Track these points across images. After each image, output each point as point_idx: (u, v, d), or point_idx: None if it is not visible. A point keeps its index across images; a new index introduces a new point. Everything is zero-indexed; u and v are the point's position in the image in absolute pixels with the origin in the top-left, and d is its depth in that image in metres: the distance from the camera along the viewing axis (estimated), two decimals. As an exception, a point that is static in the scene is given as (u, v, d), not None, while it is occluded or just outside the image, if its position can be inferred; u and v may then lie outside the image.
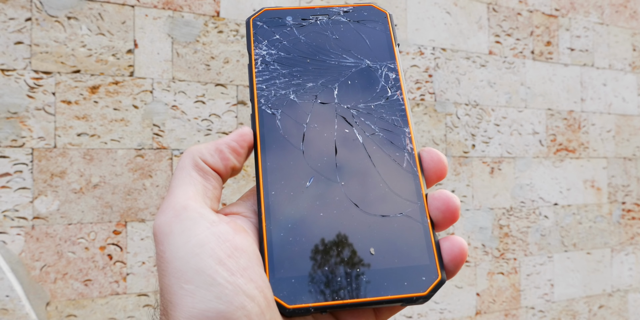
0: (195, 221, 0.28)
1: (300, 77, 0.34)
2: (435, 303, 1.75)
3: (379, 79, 0.35)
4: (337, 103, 0.34)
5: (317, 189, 0.31)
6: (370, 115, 0.34)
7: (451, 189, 1.80)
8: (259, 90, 0.34)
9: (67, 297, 1.24)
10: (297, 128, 0.33)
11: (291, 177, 0.31)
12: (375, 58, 0.35)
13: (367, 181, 0.32)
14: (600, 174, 2.16)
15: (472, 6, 1.88)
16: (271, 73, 0.34)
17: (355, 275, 0.29)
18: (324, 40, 0.36)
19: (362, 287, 0.29)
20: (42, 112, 1.24)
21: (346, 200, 0.31)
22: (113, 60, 1.31)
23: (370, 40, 0.36)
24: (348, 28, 0.36)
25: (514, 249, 1.93)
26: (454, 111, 1.82)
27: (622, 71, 2.25)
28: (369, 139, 0.33)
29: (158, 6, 1.37)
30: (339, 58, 0.35)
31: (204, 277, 0.26)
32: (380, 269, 0.29)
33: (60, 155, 1.25)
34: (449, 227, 0.32)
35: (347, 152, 0.32)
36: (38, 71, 1.24)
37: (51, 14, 1.25)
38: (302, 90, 0.34)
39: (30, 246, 1.21)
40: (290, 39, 0.35)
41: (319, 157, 0.32)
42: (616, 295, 2.19)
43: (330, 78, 0.34)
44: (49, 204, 1.23)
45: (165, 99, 1.37)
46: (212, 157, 0.31)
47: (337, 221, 0.30)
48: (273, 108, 0.33)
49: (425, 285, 0.29)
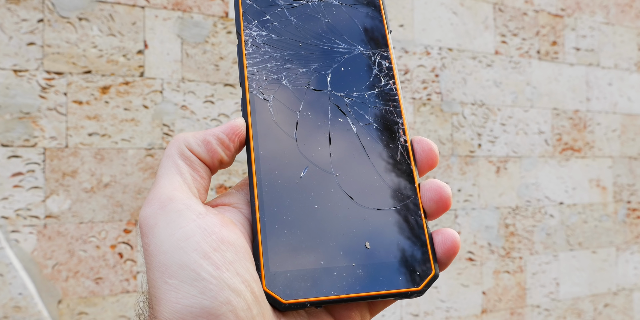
0: (180, 213, 0.27)
1: (292, 61, 0.33)
2: (441, 301, 1.76)
3: (372, 67, 0.34)
4: (330, 90, 0.33)
5: (312, 179, 0.30)
6: (363, 105, 0.33)
7: (457, 188, 1.81)
8: (250, 74, 0.32)
9: (78, 295, 1.25)
10: (290, 115, 0.32)
11: (285, 166, 0.30)
12: (368, 44, 0.34)
13: (361, 173, 0.31)
14: (605, 173, 2.17)
15: (479, 6, 1.88)
16: (262, 56, 0.33)
17: (350, 269, 0.29)
18: (315, 24, 0.34)
19: (357, 282, 0.28)
20: (54, 112, 1.25)
21: (341, 193, 0.30)
22: (123, 60, 1.33)
23: (363, 25, 0.35)
24: (340, 11, 0.35)
25: (519, 248, 1.94)
26: (460, 111, 1.83)
27: (628, 71, 2.26)
28: (362, 129, 0.32)
29: (168, 7, 1.38)
30: (331, 43, 0.34)
31: (188, 271, 0.26)
32: (375, 263, 0.29)
33: (71, 154, 1.26)
34: (440, 215, 0.32)
35: (341, 142, 0.32)
36: (50, 72, 1.25)
37: (63, 15, 1.27)
38: (294, 76, 0.33)
39: (43, 245, 1.23)
40: (281, 20, 0.34)
41: (312, 147, 0.31)
42: (621, 294, 2.20)
43: (323, 64, 0.33)
44: (61, 203, 1.25)
45: (174, 99, 1.38)
46: (199, 147, 0.30)
47: (332, 214, 0.30)
48: (265, 93, 0.32)
49: (420, 279, 0.29)
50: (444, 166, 1.79)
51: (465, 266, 1.81)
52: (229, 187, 1.45)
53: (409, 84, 1.74)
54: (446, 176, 1.79)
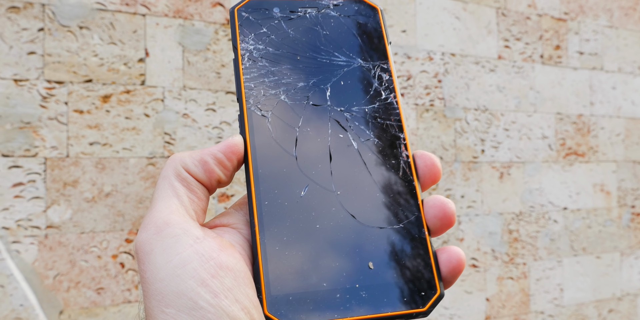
0: (177, 238, 0.26)
1: (290, 75, 0.32)
2: (444, 308, 1.75)
3: (372, 80, 0.33)
4: (330, 105, 0.32)
5: (312, 198, 0.30)
6: (364, 120, 0.32)
7: (460, 195, 1.80)
8: (247, 89, 0.31)
9: (80, 305, 1.24)
10: (289, 132, 0.31)
11: (285, 185, 0.30)
12: (368, 57, 0.34)
13: (363, 190, 0.30)
14: (609, 178, 2.15)
15: (481, 11, 1.87)
16: (259, 70, 0.32)
17: (354, 291, 0.28)
18: (313, 36, 0.33)
19: (361, 304, 0.28)
20: (55, 122, 1.24)
21: (343, 211, 0.30)
22: (124, 69, 1.32)
23: (362, 37, 0.34)
24: (338, 23, 0.34)
25: (523, 254, 1.93)
26: (463, 116, 1.82)
27: (632, 74, 2.24)
28: (364, 145, 0.31)
29: (169, 15, 1.38)
30: (330, 56, 0.33)
31: (185, 300, 0.25)
32: (379, 284, 0.28)
33: (72, 164, 1.26)
34: (445, 232, 0.31)
35: (342, 159, 0.31)
36: (51, 81, 1.24)
37: (63, 24, 1.26)
38: (292, 91, 0.32)
39: (44, 255, 1.22)
40: (279, 33, 0.33)
41: (313, 164, 0.30)
42: (626, 299, 2.19)
43: (322, 78, 0.33)
44: (62, 213, 1.24)
45: (176, 107, 1.37)
46: (196, 168, 0.29)
47: (334, 234, 0.29)
48: (263, 109, 0.31)
49: (425, 300, 0.28)
50: (447, 172, 1.78)
51: (468, 273, 1.80)
52: (231, 196, 1.44)
53: (411, 89, 1.73)
54: (449, 182, 1.78)
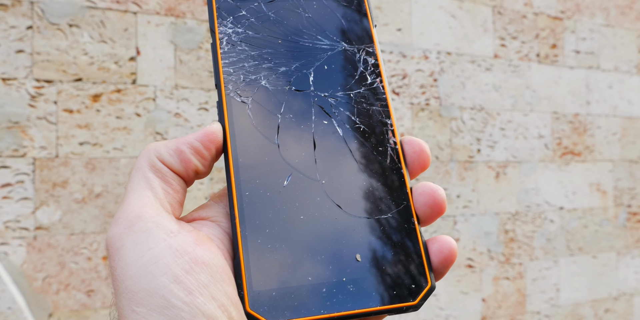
0: (149, 233, 0.25)
1: (271, 60, 0.31)
2: (440, 309, 1.74)
3: (357, 64, 0.32)
4: (314, 91, 0.30)
5: (296, 188, 0.28)
6: (349, 105, 0.30)
7: (456, 194, 1.78)
8: (226, 75, 0.30)
9: (69, 308, 1.23)
10: (271, 119, 0.29)
11: (266, 175, 0.28)
12: (352, 40, 0.32)
13: (349, 179, 0.29)
14: (606, 177, 2.14)
15: (477, 9, 1.86)
16: (239, 55, 0.30)
17: (340, 285, 0.26)
18: (295, 19, 0.32)
19: (348, 298, 0.26)
20: (44, 122, 1.22)
21: (328, 201, 0.28)
22: (115, 68, 1.30)
23: (346, 20, 0.33)
24: (321, 5, 0.32)
25: (519, 254, 1.91)
26: (459, 115, 1.81)
27: (628, 73, 2.23)
28: (349, 131, 0.30)
29: (160, 13, 1.35)
30: (313, 39, 0.32)
31: (157, 298, 0.23)
32: (367, 277, 0.27)
33: (62, 164, 1.24)
34: (435, 220, 0.29)
35: (327, 147, 0.29)
36: (39, 80, 1.22)
37: (52, 22, 1.24)
38: (274, 76, 0.30)
39: (32, 257, 1.20)
40: (259, 15, 0.31)
41: (296, 152, 0.29)
42: (622, 299, 2.18)
43: (305, 62, 0.31)
44: (51, 214, 1.22)
45: (168, 106, 1.35)
46: (172, 158, 0.28)
47: (319, 225, 0.28)
48: (243, 95, 0.29)
49: (415, 293, 0.27)
50: (443, 172, 1.76)
51: (464, 273, 1.79)
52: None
53: (407, 88, 1.71)
54: (445, 182, 1.76)
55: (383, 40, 1.68)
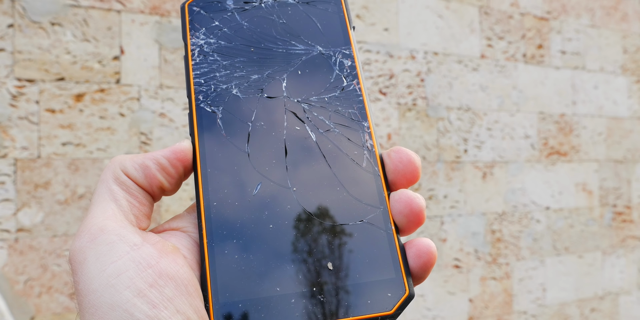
0: (112, 246, 0.24)
1: (243, 68, 0.30)
2: (427, 310, 1.74)
3: (333, 67, 0.31)
4: (286, 97, 0.30)
5: (266, 196, 0.27)
6: (324, 109, 0.30)
7: (443, 195, 1.78)
8: (197, 86, 0.29)
9: (52, 311, 1.21)
10: (241, 127, 0.29)
11: (235, 184, 0.28)
12: (328, 43, 0.31)
13: (322, 185, 0.28)
14: (591, 177, 2.15)
15: (464, 10, 1.86)
16: (210, 65, 0.30)
17: (312, 296, 0.25)
18: (269, 26, 0.31)
19: (320, 310, 0.25)
20: (26, 122, 1.20)
21: (299, 209, 0.27)
22: (99, 67, 1.28)
23: (322, 23, 0.32)
24: (296, 10, 0.32)
25: (506, 254, 1.92)
26: (446, 116, 1.80)
27: (613, 74, 2.25)
28: (323, 136, 0.29)
29: (145, 11, 1.34)
30: (286, 45, 0.31)
31: (120, 312, 0.23)
32: (340, 287, 0.26)
33: (44, 165, 1.22)
34: (415, 230, 0.28)
35: (299, 153, 0.29)
36: (21, 79, 1.20)
37: (34, 20, 1.22)
38: (245, 84, 0.30)
39: (14, 259, 1.18)
40: (232, 25, 0.31)
41: (266, 160, 0.28)
42: (608, 298, 2.19)
43: (278, 68, 0.30)
44: (33, 215, 1.20)
45: (152, 106, 1.34)
46: (136, 172, 0.27)
47: (289, 233, 0.27)
48: (213, 105, 0.29)
49: (392, 302, 0.26)
50: (430, 172, 1.76)
51: (451, 273, 1.79)
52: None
53: (393, 88, 1.71)
54: (432, 182, 1.76)
55: (370, 40, 1.67)
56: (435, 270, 1.76)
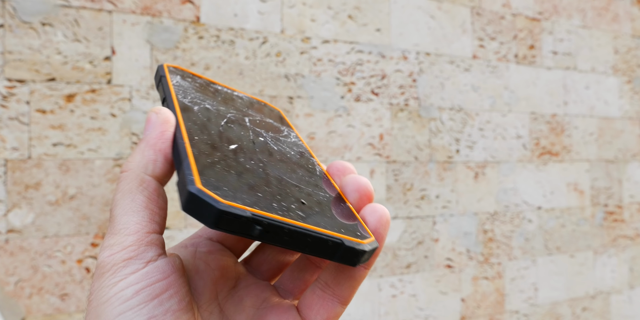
0: (128, 262, 0.25)
1: (212, 102, 0.34)
2: (419, 309, 1.74)
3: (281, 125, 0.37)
4: (250, 126, 0.33)
5: (241, 152, 0.28)
6: (278, 140, 0.34)
7: (435, 195, 1.78)
8: (178, 95, 0.32)
9: (43, 312, 1.20)
10: (215, 118, 0.31)
11: (214, 142, 0.28)
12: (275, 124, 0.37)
13: (284, 160, 0.31)
14: (583, 177, 2.16)
15: (456, 10, 1.86)
16: (186, 91, 0.33)
17: (298, 203, 0.25)
18: (229, 97, 0.36)
19: (305, 215, 0.25)
20: (16, 122, 1.20)
21: (272, 155, 0.30)
22: (90, 67, 1.28)
23: (268, 113, 0.38)
24: (248, 100, 0.38)
25: (498, 254, 1.92)
26: (438, 116, 1.81)
27: (604, 74, 2.26)
28: (280, 145, 0.33)
29: (136, 12, 1.33)
30: (245, 112, 0.36)
31: None
32: (319, 211, 0.26)
33: (35, 166, 1.21)
34: (367, 203, 0.30)
35: (262, 143, 0.32)
36: (11, 79, 1.20)
37: (25, 20, 1.21)
38: (214, 107, 0.33)
39: (4, 261, 1.17)
40: (198, 82, 0.36)
41: (238, 137, 0.30)
42: (599, 298, 2.20)
43: (238, 113, 0.34)
44: (24, 216, 1.19)
45: (144, 107, 1.33)
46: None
47: (266, 167, 0.28)
48: (192, 102, 0.32)
49: (363, 238, 0.26)
50: (422, 172, 1.76)
51: (443, 273, 1.79)
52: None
53: (386, 89, 1.71)
54: (424, 182, 1.76)
55: (362, 41, 1.67)
56: (427, 270, 1.77)
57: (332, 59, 1.61)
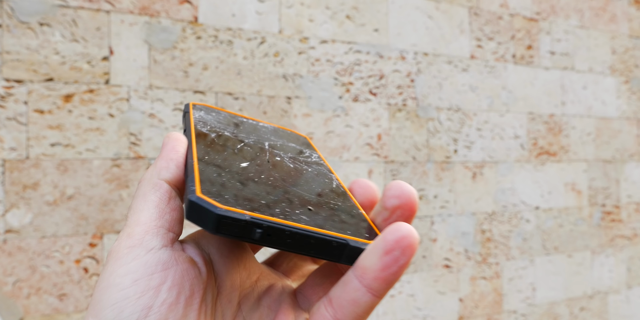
0: (131, 249, 0.26)
1: (233, 132, 0.35)
2: (417, 309, 1.74)
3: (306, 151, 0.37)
4: (269, 149, 0.34)
5: (252, 168, 0.29)
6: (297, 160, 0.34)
7: (433, 195, 1.79)
8: (197, 126, 0.32)
9: (41, 312, 1.20)
10: (233, 143, 0.32)
11: (226, 160, 0.28)
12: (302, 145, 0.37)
13: (298, 175, 0.31)
14: (580, 177, 2.17)
15: (454, 10, 1.87)
16: (206, 123, 0.34)
17: (302, 207, 0.25)
18: (252, 127, 0.37)
19: (305, 218, 0.25)
20: (14, 122, 1.20)
21: (284, 171, 0.30)
22: (88, 67, 1.28)
23: (293, 139, 0.38)
24: (273, 129, 0.39)
25: (496, 254, 1.93)
26: (435, 116, 1.81)
27: (602, 74, 2.26)
28: (298, 163, 0.33)
29: (134, 12, 1.33)
30: (266, 139, 0.36)
31: (108, 311, 0.23)
32: (324, 215, 0.26)
33: (33, 166, 1.21)
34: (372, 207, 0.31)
35: (279, 162, 0.32)
36: (9, 80, 1.20)
37: (22, 20, 1.21)
38: (234, 134, 0.34)
39: (2, 261, 1.17)
40: (222, 115, 0.37)
41: (252, 157, 0.31)
42: (597, 297, 2.20)
43: (258, 139, 0.35)
44: (22, 217, 1.19)
45: (142, 107, 1.33)
46: None
47: (276, 181, 0.28)
48: (211, 131, 0.32)
49: (371, 239, 0.25)
50: (420, 172, 1.77)
51: (441, 273, 1.80)
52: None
53: (383, 89, 1.71)
54: (422, 182, 1.76)
55: (360, 41, 1.67)
56: (425, 270, 1.77)
57: (330, 59, 1.62)
